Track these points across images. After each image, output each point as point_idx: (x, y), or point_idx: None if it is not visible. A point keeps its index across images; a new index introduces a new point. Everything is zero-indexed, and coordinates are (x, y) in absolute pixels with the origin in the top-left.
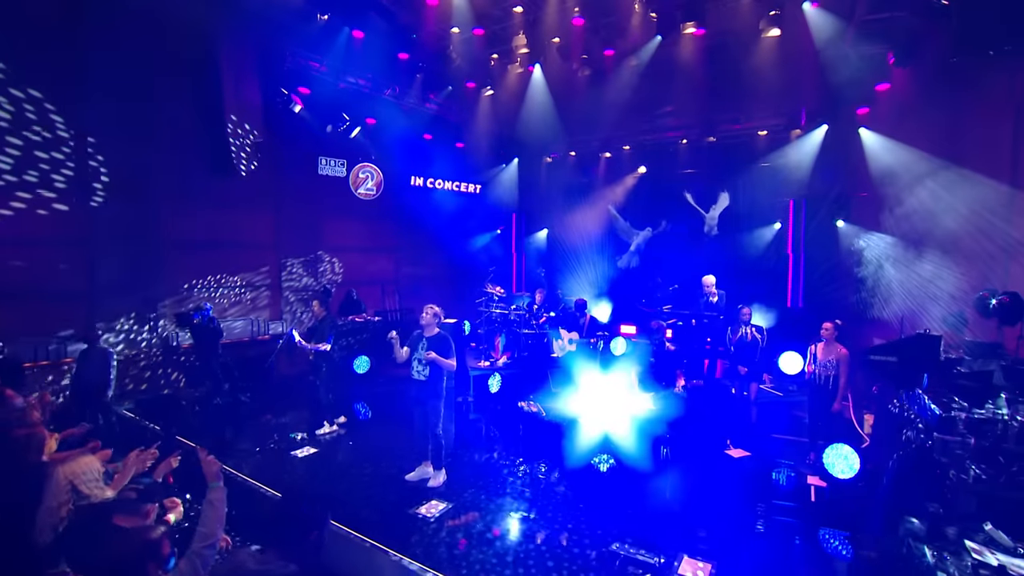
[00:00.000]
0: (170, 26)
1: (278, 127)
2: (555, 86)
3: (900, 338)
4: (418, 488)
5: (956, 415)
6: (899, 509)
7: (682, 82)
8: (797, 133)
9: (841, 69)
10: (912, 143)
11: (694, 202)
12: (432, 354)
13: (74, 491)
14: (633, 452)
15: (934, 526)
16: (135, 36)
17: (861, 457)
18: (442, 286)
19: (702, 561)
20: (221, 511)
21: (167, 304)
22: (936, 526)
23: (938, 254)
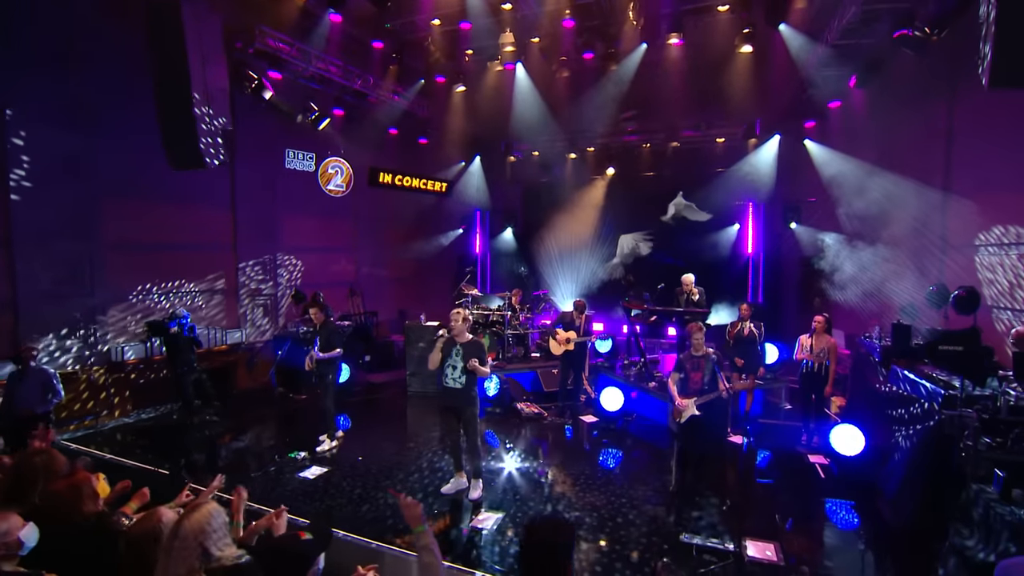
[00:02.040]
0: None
1: (242, 115)
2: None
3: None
4: (458, 501)
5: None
6: (919, 479)
7: (652, 89)
8: (753, 142)
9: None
10: (856, 154)
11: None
12: (475, 362)
13: (204, 554)
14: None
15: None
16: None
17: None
18: (406, 287)
19: (765, 542)
20: (439, 559)
21: (112, 314)
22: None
23: (885, 252)
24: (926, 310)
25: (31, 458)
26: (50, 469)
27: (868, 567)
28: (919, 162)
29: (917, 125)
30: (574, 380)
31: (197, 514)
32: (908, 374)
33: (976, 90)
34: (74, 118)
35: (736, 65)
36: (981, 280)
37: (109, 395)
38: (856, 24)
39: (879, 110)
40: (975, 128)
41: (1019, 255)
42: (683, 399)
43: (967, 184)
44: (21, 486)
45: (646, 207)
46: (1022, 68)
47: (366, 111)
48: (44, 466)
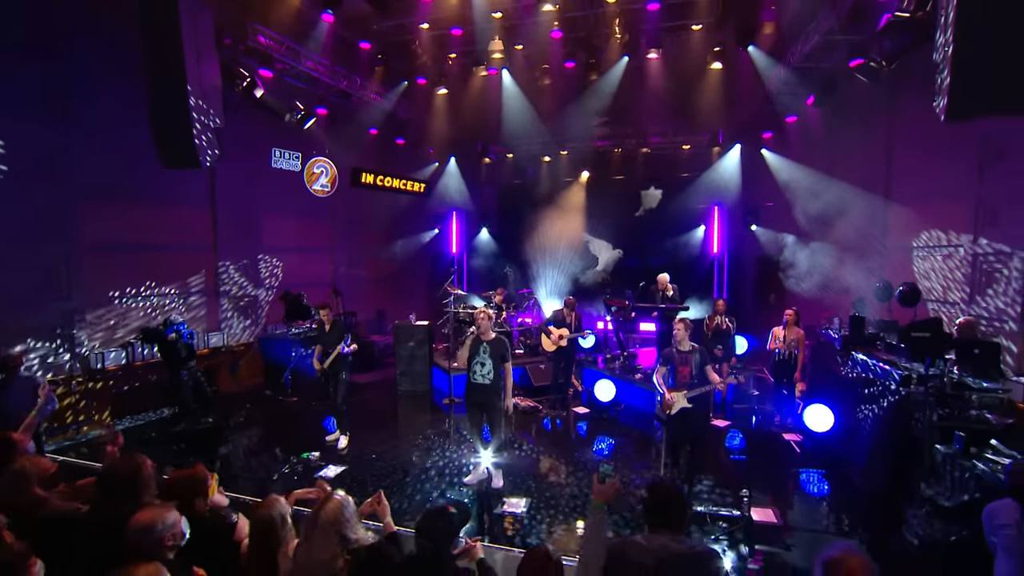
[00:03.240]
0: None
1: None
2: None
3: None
4: (483, 491)
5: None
6: (887, 447)
7: (629, 98)
8: (717, 150)
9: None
10: (809, 163)
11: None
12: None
13: (343, 539)
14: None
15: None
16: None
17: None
18: (382, 287)
19: (765, 508)
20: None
21: (90, 319)
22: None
23: (835, 251)
24: (873, 303)
25: (120, 466)
26: (141, 473)
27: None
28: (864, 172)
29: (862, 140)
30: (565, 374)
31: (331, 505)
32: (867, 359)
33: (912, 113)
34: (48, 112)
35: (706, 79)
36: (917, 277)
37: (89, 403)
38: (817, 51)
39: (830, 126)
40: (911, 145)
41: (944, 256)
42: (671, 392)
43: (905, 193)
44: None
45: (619, 207)
46: (974, 105)
47: (349, 111)
48: (138, 467)
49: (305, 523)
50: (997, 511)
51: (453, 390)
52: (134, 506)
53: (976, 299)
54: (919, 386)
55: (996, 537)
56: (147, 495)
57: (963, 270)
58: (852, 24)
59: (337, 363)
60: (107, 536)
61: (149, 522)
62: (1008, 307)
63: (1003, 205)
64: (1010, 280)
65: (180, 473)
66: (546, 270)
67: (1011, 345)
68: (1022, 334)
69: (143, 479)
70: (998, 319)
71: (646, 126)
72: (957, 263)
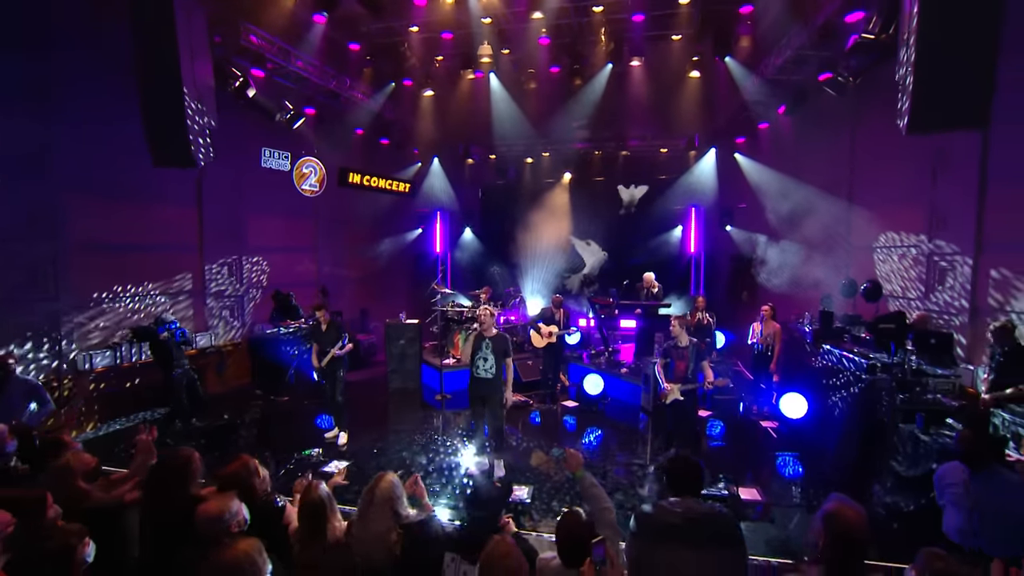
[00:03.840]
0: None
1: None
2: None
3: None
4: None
5: (877, 363)
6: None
7: (612, 103)
8: (693, 154)
9: (740, 109)
10: (779, 167)
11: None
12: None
13: (395, 515)
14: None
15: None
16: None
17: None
18: (366, 286)
19: (750, 487)
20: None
21: (77, 320)
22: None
23: (803, 250)
24: (839, 299)
25: (174, 457)
26: (192, 464)
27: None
28: (829, 176)
29: (828, 147)
30: (554, 370)
31: (384, 483)
32: (835, 351)
33: (873, 123)
34: (33, 105)
35: (685, 87)
36: (878, 275)
37: (76, 406)
38: (789, 64)
39: (799, 133)
40: (871, 152)
41: (900, 256)
42: (669, 384)
43: (866, 197)
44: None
45: (602, 208)
46: (932, 119)
47: (337, 111)
48: (189, 459)
49: (361, 501)
50: (946, 473)
51: (444, 387)
52: (184, 493)
53: (930, 295)
54: (883, 374)
55: (945, 495)
56: (195, 485)
57: (918, 268)
58: (822, 41)
59: (334, 362)
60: (159, 521)
61: (217, 511)
62: (955, 300)
63: (952, 209)
64: (957, 278)
65: (234, 464)
66: (531, 269)
67: (961, 338)
68: (971, 326)
69: (193, 470)
70: (947, 312)
71: (626, 130)
72: (912, 262)
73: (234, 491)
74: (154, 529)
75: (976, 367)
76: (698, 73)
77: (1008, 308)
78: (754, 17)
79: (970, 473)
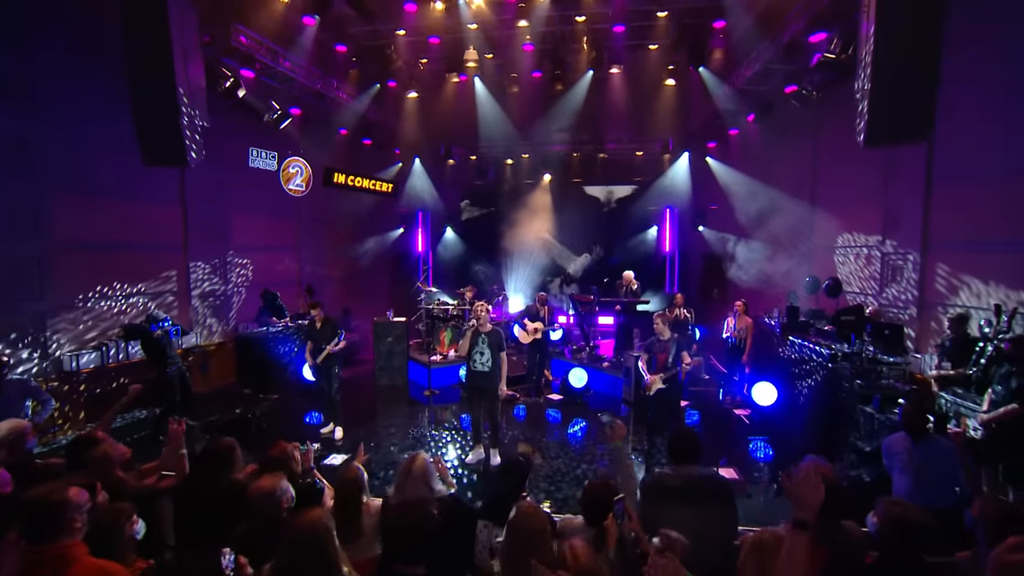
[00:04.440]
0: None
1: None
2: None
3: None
4: (483, 469)
5: (839, 352)
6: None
7: (591, 108)
8: (667, 157)
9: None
10: (748, 171)
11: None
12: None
13: (429, 489)
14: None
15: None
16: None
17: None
18: (347, 285)
19: (727, 467)
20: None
21: (62, 320)
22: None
23: (770, 249)
24: (803, 295)
25: (219, 445)
26: (235, 452)
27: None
28: (793, 180)
29: (792, 153)
30: (539, 365)
31: (419, 461)
32: (801, 342)
33: (833, 133)
34: (14, 102)
35: (661, 94)
36: (839, 272)
37: (63, 407)
38: (757, 76)
39: (766, 139)
40: (831, 159)
41: (855, 255)
42: (652, 375)
43: (827, 199)
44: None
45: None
46: (888, 133)
47: (323, 112)
48: (232, 447)
49: (397, 477)
50: (892, 443)
51: (431, 382)
52: (228, 478)
53: (884, 291)
54: (844, 362)
55: (892, 463)
56: (236, 469)
57: (873, 266)
58: (788, 57)
59: (330, 358)
60: (204, 505)
61: (271, 488)
62: (903, 293)
63: (903, 212)
64: (907, 274)
65: (274, 450)
66: (512, 268)
67: (911, 332)
68: (919, 319)
69: (236, 457)
70: (894, 306)
71: (604, 133)
72: (868, 260)
73: (280, 472)
74: (200, 511)
75: (923, 355)
76: (673, 81)
77: (948, 302)
78: (727, 31)
79: (912, 442)
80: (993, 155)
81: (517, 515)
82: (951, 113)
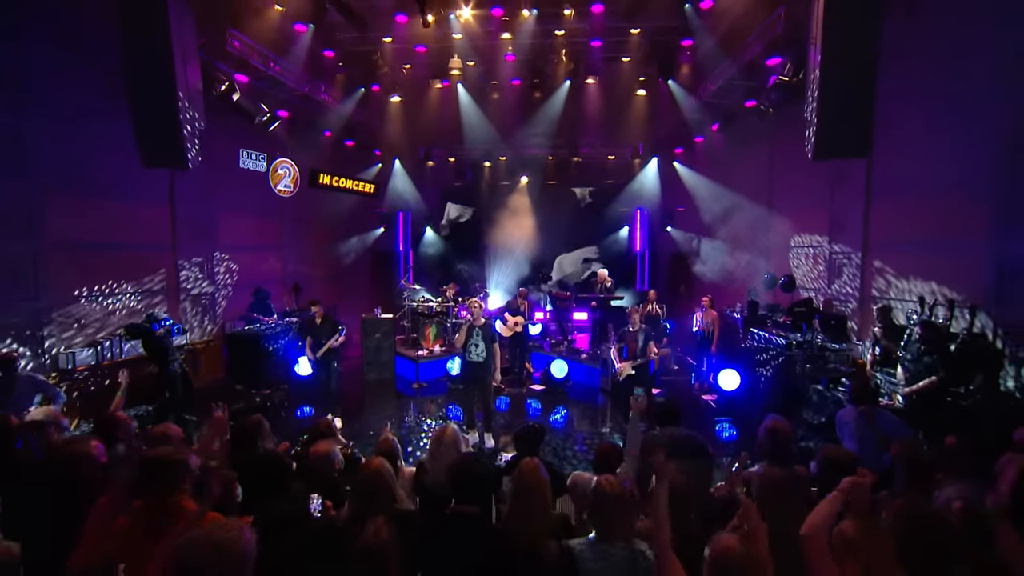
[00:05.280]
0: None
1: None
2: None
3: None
4: (481, 451)
5: (793, 341)
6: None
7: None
8: (637, 162)
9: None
10: (712, 176)
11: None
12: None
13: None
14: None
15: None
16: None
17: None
18: (329, 284)
19: None
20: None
21: (57, 319)
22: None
23: (732, 248)
24: (762, 291)
25: (248, 422)
26: (263, 426)
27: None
28: (752, 185)
29: (752, 161)
30: (520, 357)
31: (449, 430)
32: (761, 333)
33: (787, 143)
34: (9, 92)
35: (633, 103)
36: (792, 270)
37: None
38: (721, 90)
39: (728, 147)
40: (786, 167)
41: (805, 255)
42: (623, 363)
43: (782, 204)
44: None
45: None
46: (833, 148)
47: (309, 114)
48: (260, 422)
49: (431, 445)
50: (843, 415)
51: (419, 376)
52: (262, 446)
53: (831, 286)
54: (797, 350)
55: (844, 431)
56: (269, 441)
57: (821, 265)
58: (747, 75)
59: (329, 353)
60: (247, 470)
61: (326, 450)
62: (846, 288)
63: (847, 217)
64: (850, 271)
65: (319, 423)
66: (493, 266)
67: (853, 325)
68: (860, 311)
69: (265, 429)
70: (839, 299)
71: (579, 138)
72: (816, 259)
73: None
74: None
75: (863, 342)
76: (644, 92)
77: (884, 296)
78: (693, 49)
79: (858, 413)
80: (921, 170)
81: (521, 470)
82: (889, 130)
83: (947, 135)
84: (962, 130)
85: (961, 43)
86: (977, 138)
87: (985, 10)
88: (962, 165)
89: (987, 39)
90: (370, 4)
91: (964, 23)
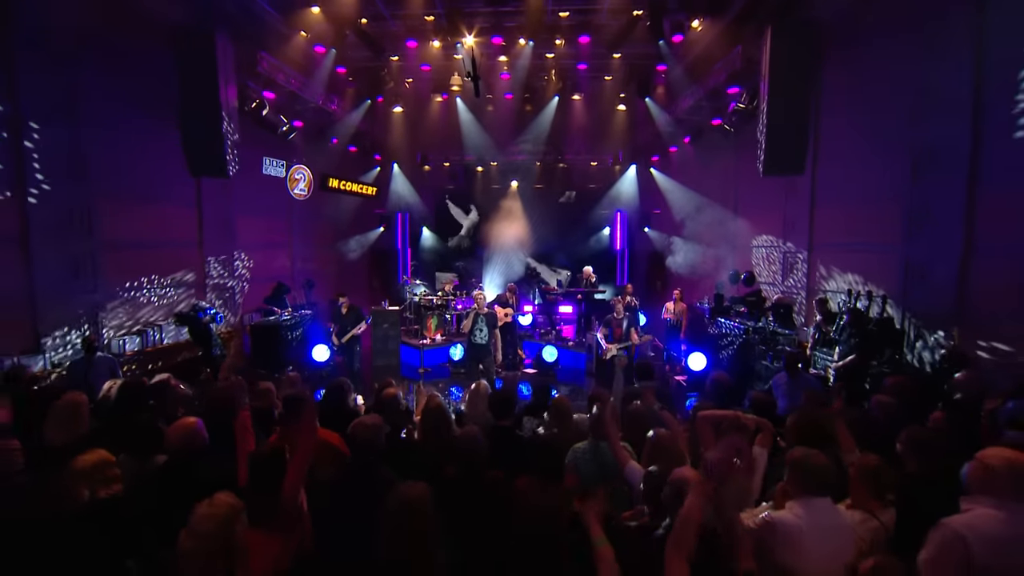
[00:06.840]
0: None
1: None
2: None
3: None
4: None
5: (750, 327)
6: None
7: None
8: (618, 168)
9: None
10: (684, 182)
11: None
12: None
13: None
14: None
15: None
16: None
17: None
18: (334, 280)
19: None
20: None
21: (110, 309)
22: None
23: (701, 247)
24: (727, 284)
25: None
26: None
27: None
28: (719, 191)
29: (719, 170)
30: (512, 344)
31: (482, 385)
32: (725, 321)
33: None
34: (71, 115)
35: (614, 117)
36: (754, 266)
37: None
38: (691, 109)
39: (699, 157)
40: (748, 176)
41: (765, 254)
42: (609, 344)
43: (745, 208)
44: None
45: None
46: (780, 165)
47: (321, 124)
48: (306, 396)
49: (468, 395)
50: (777, 379)
51: (424, 361)
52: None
53: (785, 281)
54: (753, 335)
55: (778, 392)
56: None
57: (777, 263)
58: (713, 98)
59: (353, 339)
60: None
61: (395, 393)
62: (797, 282)
63: (797, 220)
64: (799, 267)
65: (387, 392)
66: (486, 262)
67: (801, 317)
68: (807, 302)
69: (311, 405)
70: (791, 291)
71: (565, 146)
72: (773, 257)
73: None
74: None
75: (808, 328)
76: (624, 107)
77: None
78: (667, 73)
79: (788, 377)
80: (851, 183)
81: (558, 400)
82: (829, 145)
83: (870, 155)
84: (881, 152)
85: (879, 83)
86: (892, 159)
87: (899, 55)
88: (879, 182)
89: (899, 79)
90: (387, 31)
91: (881, 65)
